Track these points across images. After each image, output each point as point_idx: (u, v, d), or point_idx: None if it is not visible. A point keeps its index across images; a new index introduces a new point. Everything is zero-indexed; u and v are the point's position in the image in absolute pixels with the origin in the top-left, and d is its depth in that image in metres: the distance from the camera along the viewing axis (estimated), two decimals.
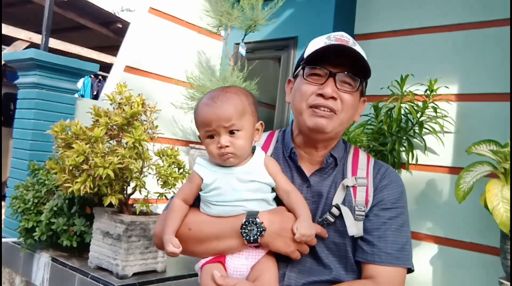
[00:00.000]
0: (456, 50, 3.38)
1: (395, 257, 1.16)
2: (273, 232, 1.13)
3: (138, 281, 2.54)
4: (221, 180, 1.17)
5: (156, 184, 2.68)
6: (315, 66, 1.21)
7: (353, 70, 1.20)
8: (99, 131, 2.52)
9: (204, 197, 1.20)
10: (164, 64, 4.31)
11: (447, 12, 3.46)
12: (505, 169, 2.66)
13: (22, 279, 3.21)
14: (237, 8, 3.87)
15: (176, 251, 1.15)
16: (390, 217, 1.20)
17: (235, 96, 1.17)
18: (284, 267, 1.18)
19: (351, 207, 1.19)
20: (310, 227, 1.13)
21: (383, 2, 3.82)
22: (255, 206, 1.16)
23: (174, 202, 1.22)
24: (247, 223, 1.12)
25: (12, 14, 6.85)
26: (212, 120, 1.13)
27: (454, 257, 3.22)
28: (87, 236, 2.83)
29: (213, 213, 1.19)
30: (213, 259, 1.19)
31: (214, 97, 1.16)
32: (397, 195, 1.24)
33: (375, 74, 4.39)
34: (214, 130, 1.14)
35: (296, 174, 1.26)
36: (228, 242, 1.15)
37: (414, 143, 3.36)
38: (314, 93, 1.20)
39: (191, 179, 1.22)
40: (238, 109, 1.15)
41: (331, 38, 1.22)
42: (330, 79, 1.19)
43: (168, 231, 1.17)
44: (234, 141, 1.14)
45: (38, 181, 3.15)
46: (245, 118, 1.16)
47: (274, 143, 1.34)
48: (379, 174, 1.27)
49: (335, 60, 1.19)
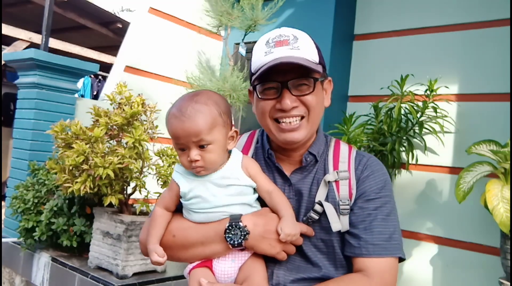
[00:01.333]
0: (456, 50, 3.38)
1: (382, 247, 1.15)
2: (257, 235, 1.12)
3: (138, 281, 2.54)
4: (199, 188, 1.15)
5: (156, 184, 2.68)
6: (265, 82, 1.17)
7: (304, 71, 1.15)
8: (99, 131, 2.52)
9: (185, 204, 1.19)
10: (164, 64, 4.31)
11: (447, 12, 3.46)
12: (505, 169, 2.66)
13: (22, 279, 3.21)
14: (237, 8, 3.87)
15: (161, 261, 1.14)
16: (375, 207, 1.18)
17: (204, 107, 1.11)
18: (272, 266, 1.17)
19: (335, 202, 1.18)
20: (295, 227, 1.11)
21: (383, 2, 3.82)
22: (237, 210, 1.14)
23: (156, 211, 1.21)
24: (230, 227, 1.11)
25: (12, 14, 6.84)
26: (180, 135, 1.10)
27: (454, 257, 3.22)
28: (87, 236, 2.83)
29: (196, 220, 1.17)
30: (200, 263, 1.18)
31: (182, 109, 1.11)
32: (380, 184, 1.21)
33: (375, 74, 4.37)
34: (183, 144, 1.11)
35: (277, 174, 1.25)
36: (213, 247, 1.15)
37: (414, 143, 3.36)
38: (274, 108, 1.17)
39: (171, 187, 1.20)
40: (207, 122, 1.10)
41: (270, 44, 1.17)
42: (285, 91, 1.15)
43: (152, 240, 1.17)
44: (204, 155, 1.11)
45: (38, 181, 3.15)
46: (215, 131, 1.11)
47: (255, 144, 1.32)
48: (360, 165, 1.24)
49: (282, 67, 1.14)
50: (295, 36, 1.17)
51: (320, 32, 3.76)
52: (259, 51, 1.18)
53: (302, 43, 1.16)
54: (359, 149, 1.57)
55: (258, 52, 1.19)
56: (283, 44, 1.15)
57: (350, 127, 3.26)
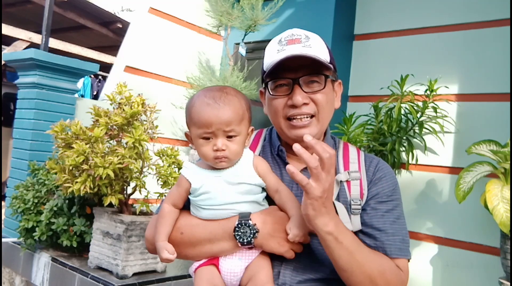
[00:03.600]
0: (456, 50, 3.38)
1: (398, 248, 1.16)
2: (266, 233, 1.12)
3: (138, 281, 2.54)
4: (209, 184, 1.15)
5: (156, 184, 2.68)
6: (277, 78, 1.20)
7: (315, 69, 1.18)
8: (99, 131, 2.52)
9: (193, 201, 1.19)
10: (164, 64, 4.31)
11: (447, 12, 3.46)
12: (505, 169, 2.66)
13: (22, 279, 3.21)
14: (237, 8, 3.87)
15: (171, 258, 1.14)
16: (387, 210, 1.20)
17: (235, 99, 1.15)
18: (279, 265, 1.17)
19: (347, 201, 1.18)
20: (303, 227, 1.11)
21: (383, 2, 3.82)
22: (245, 208, 1.15)
23: (164, 207, 1.21)
24: (240, 225, 1.11)
25: (12, 14, 6.85)
26: (213, 122, 1.11)
27: (454, 257, 3.22)
28: (87, 236, 2.83)
29: (204, 217, 1.18)
30: (206, 261, 1.18)
31: (216, 98, 1.13)
32: (391, 187, 1.24)
33: (375, 74, 4.36)
34: (212, 132, 1.12)
35: (285, 171, 1.24)
36: (221, 244, 1.15)
37: (414, 143, 3.36)
38: (286, 105, 1.19)
39: (179, 183, 1.20)
40: (239, 113, 1.13)
41: (282, 42, 1.20)
42: (296, 87, 1.17)
43: (161, 237, 1.16)
44: (230, 145, 1.12)
45: (38, 181, 3.15)
46: (243, 123, 1.15)
47: (262, 142, 1.34)
48: (371, 166, 1.26)
49: (294, 65, 1.16)
50: (307, 36, 1.20)
51: (320, 32, 3.72)
52: (271, 49, 1.21)
53: (314, 42, 1.19)
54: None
55: (270, 51, 1.21)
56: (295, 42, 1.18)
57: (350, 127, 3.26)
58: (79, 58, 4.30)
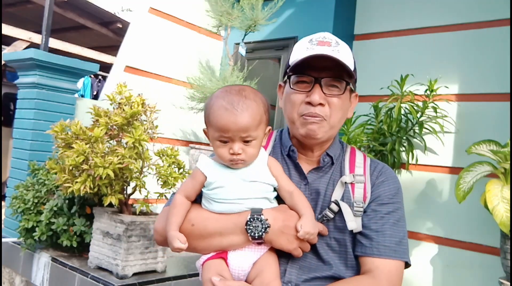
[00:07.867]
0: (456, 50, 3.38)
1: (393, 250, 1.18)
2: (277, 229, 1.15)
3: (138, 281, 2.54)
4: (224, 179, 1.18)
5: (156, 184, 2.68)
6: (300, 74, 1.23)
7: (338, 73, 1.21)
8: (99, 131, 2.52)
9: (206, 194, 1.21)
10: (164, 64, 4.31)
11: (447, 12, 3.46)
12: (505, 169, 2.66)
13: (22, 279, 3.21)
14: (237, 8, 3.87)
15: (183, 247, 1.15)
16: (387, 212, 1.23)
17: (254, 104, 1.16)
18: (285, 263, 1.20)
19: (350, 203, 1.22)
20: (314, 226, 1.15)
21: (383, 2, 3.82)
22: (258, 204, 1.18)
23: (177, 198, 1.23)
24: (252, 219, 1.14)
25: (12, 14, 6.85)
26: (230, 128, 1.13)
27: (454, 257, 3.22)
28: (87, 236, 2.83)
29: (215, 210, 1.20)
30: (215, 255, 1.19)
31: (234, 103, 1.14)
32: (393, 191, 1.27)
33: (375, 74, 4.37)
34: (228, 137, 1.14)
35: (294, 171, 1.29)
36: (231, 238, 1.17)
37: (414, 143, 3.37)
38: (303, 102, 1.22)
39: (194, 176, 1.22)
40: (256, 119, 1.15)
41: (313, 42, 1.23)
42: (316, 86, 1.20)
43: (173, 227, 1.18)
44: (247, 149, 1.15)
45: (38, 181, 3.15)
46: (260, 127, 1.17)
47: (273, 142, 1.37)
48: (375, 171, 1.30)
49: (319, 65, 1.20)
50: (337, 42, 1.24)
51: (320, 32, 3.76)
52: (300, 47, 1.24)
53: (342, 49, 1.23)
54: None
55: (299, 48, 1.24)
56: (325, 44, 1.22)
57: (350, 127, 3.26)
58: (79, 58, 4.30)
